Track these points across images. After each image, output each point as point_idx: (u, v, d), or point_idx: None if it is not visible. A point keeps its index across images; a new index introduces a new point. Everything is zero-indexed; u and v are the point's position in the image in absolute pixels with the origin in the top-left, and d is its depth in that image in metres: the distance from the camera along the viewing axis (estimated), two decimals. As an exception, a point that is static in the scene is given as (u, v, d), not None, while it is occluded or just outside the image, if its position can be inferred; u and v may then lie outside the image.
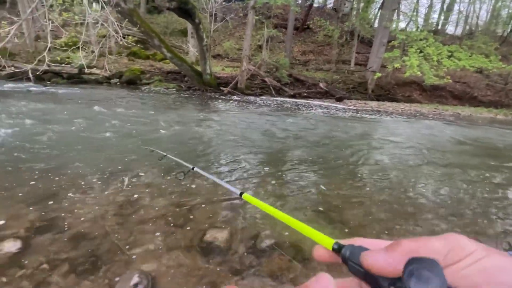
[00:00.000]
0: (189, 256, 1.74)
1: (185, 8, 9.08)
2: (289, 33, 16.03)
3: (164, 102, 8.18)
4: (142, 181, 2.71)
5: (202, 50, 10.28)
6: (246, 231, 2.02)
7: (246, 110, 7.96)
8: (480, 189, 3.23)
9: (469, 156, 4.83)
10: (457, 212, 2.60)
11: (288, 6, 16.36)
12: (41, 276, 1.52)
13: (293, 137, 5.14)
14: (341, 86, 13.97)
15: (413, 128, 7.48)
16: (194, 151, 3.86)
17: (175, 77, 12.37)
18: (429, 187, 3.20)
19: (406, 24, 18.72)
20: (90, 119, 5.10)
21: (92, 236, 1.88)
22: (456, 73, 14.93)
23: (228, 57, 16.71)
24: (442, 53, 11.98)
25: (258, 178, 3.07)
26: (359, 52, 17.67)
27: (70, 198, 2.31)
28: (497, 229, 2.37)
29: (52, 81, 10.15)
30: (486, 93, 15.57)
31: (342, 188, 2.97)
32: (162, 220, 2.10)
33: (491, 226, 2.41)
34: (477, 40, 15.75)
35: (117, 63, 12.77)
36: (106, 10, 4.54)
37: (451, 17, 21.73)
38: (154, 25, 17.62)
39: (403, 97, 14.31)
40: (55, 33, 10.96)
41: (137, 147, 3.78)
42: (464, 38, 18.43)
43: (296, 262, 1.78)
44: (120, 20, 7.96)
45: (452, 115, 11.48)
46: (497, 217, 2.58)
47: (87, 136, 4.08)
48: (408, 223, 2.35)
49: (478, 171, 3.90)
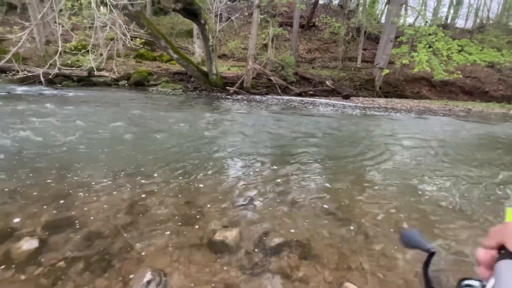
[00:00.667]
0: (199, 254, 1.77)
1: (190, 9, 9.14)
2: (295, 31, 15.94)
3: (172, 103, 8.27)
4: (152, 181, 2.76)
5: (208, 51, 10.33)
6: (255, 230, 2.04)
7: (253, 110, 7.98)
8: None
9: (485, 152, 4.73)
10: (474, 215, 2.56)
11: (293, 4, 16.26)
12: (58, 273, 1.58)
13: (301, 136, 5.13)
14: (347, 84, 13.82)
15: (425, 124, 7.36)
16: (205, 152, 3.90)
17: (181, 77, 12.47)
18: (449, 186, 3.15)
19: (414, 19, 18.37)
20: (101, 120, 5.21)
21: (105, 234, 1.93)
22: (467, 68, 14.57)
23: (234, 57, 16.73)
24: (452, 47, 11.72)
25: (268, 178, 3.08)
26: (365, 49, 17.43)
27: (83, 198, 2.38)
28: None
29: (63, 84, 10.38)
30: (498, 87, 15.15)
31: (355, 188, 2.96)
32: (172, 219, 2.14)
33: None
34: (489, 33, 15.32)
35: (125, 65, 12.96)
36: (114, 13, 4.63)
37: (461, 10, 21.22)
38: (160, 27, 17.79)
39: (411, 93, 14.07)
40: (65, 37, 11.21)
41: (148, 147, 3.84)
42: (474, 32, 17.97)
43: (305, 260, 1.79)
44: (127, 23, 8.07)
45: (462, 110, 11.23)
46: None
47: (99, 137, 4.17)
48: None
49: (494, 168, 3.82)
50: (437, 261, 1.84)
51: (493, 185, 3.21)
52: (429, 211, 2.51)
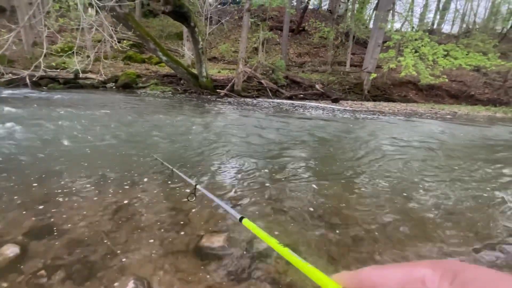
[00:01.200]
0: (185, 261, 1.74)
1: (180, 12, 9.11)
2: (285, 35, 16.11)
3: (161, 105, 8.17)
4: (138, 186, 2.71)
5: (197, 53, 10.29)
6: (242, 235, 2.02)
7: (244, 112, 7.97)
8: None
9: (475, 153, 4.86)
10: (462, 217, 2.61)
11: (283, 8, 16.46)
12: (39, 281, 1.52)
13: (292, 140, 5.15)
14: (337, 87, 14.03)
15: (412, 127, 7.53)
16: (193, 156, 3.85)
17: (171, 80, 12.36)
18: (436, 189, 3.22)
19: (401, 24, 18.87)
20: (87, 123, 5.09)
21: (88, 241, 1.87)
22: (452, 72, 15.02)
23: (224, 60, 16.74)
24: (438, 52, 12.07)
25: (257, 182, 3.07)
26: (354, 53, 17.78)
27: (66, 204, 2.30)
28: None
29: (49, 87, 10.12)
30: (484, 91, 15.66)
31: (343, 192, 2.98)
32: (158, 225, 2.09)
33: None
34: (475, 38, 15.80)
35: (112, 67, 12.76)
36: (101, 15, 4.55)
37: (447, 15, 21.92)
38: (149, 29, 17.65)
39: (399, 97, 14.40)
40: (52, 39, 10.96)
41: (133, 152, 3.77)
42: (460, 36, 18.56)
43: (293, 266, 1.78)
44: (115, 25, 7.96)
45: (448, 113, 11.56)
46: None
47: (84, 141, 4.07)
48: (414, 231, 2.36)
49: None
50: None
51: (485, 188, 3.29)
52: (419, 215, 2.55)
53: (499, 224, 2.42)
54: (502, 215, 2.61)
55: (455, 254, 1.98)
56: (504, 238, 2.22)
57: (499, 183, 3.46)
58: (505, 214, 2.63)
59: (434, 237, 2.16)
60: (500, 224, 2.43)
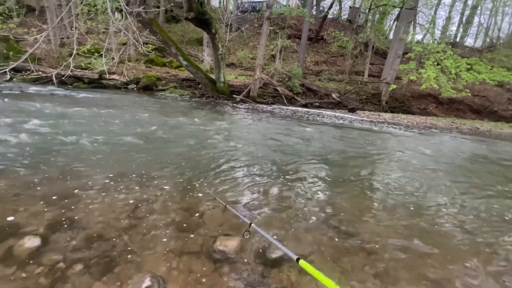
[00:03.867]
0: (199, 262, 1.75)
1: (202, 19, 9.37)
2: (303, 43, 16.17)
3: (179, 108, 8.37)
4: (156, 186, 2.77)
5: (217, 59, 10.51)
6: (256, 240, 2.01)
7: (259, 118, 8.02)
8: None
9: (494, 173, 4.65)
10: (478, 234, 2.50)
11: (302, 17, 16.56)
12: (57, 274, 1.58)
13: (307, 147, 5.12)
14: (354, 97, 13.86)
15: (432, 142, 7.29)
16: (210, 159, 3.91)
17: (189, 84, 12.66)
18: (450, 204, 3.10)
19: (423, 36, 18.49)
20: (108, 122, 5.28)
21: (106, 237, 1.93)
22: (475, 87, 14.50)
23: (242, 66, 16.98)
24: (461, 66, 11.72)
25: (272, 188, 3.06)
26: (373, 64, 17.54)
27: (87, 199, 2.39)
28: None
29: (73, 86, 10.62)
30: (508, 107, 14.99)
31: (361, 203, 2.93)
32: (173, 225, 2.13)
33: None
34: (499, 53, 15.28)
35: (135, 69, 13.24)
36: (128, 19, 4.77)
37: (471, 29, 21.31)
38: (171, 34, 18.22)
39: (418, 109, 14.02)
40: (79, 40, 11.55)
41: (152, 152, 3.87)
42: (484, 51, 17.96)
43: (305, 276, 1.76)
44: (140, 29, 8.29)
45: (470, 129, 11.12)
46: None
47: (107, 140, 4.22)
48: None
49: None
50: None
51: (498, 207, 3.14)
52: (433, 231, 2.46)
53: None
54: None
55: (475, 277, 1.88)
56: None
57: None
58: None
59: (451, 254, 2.07)
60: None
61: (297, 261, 0.80)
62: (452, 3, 19.86)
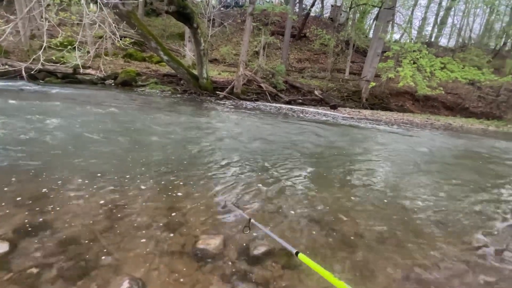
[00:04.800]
0: (180, 262, 1.72)
1: (183, 12, 9.12)
2: (286, 40, 16.22)
3: (160, 104, 8.14)
4: (134, 185, 2.68)
5: (199, 54, 10.30)
6: (239, 238, 2.00)
7: (243, 115, 7.98)
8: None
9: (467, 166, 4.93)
10: (451, 223, 2.64)
11: (285, 14, 16.60)
12: (29, 280, 1.49)
13: (289, 144, 5.16)
14: (335, 94, 14.13)
15: (409, 137, 7.60)
16: (191, 157, 3.83)
17: (171, 80, 12.33)
18: (427, 196, 3.24)
19: (400, 35, 19.15)
20: (84, 120, 5.04)
21: (81, 240, 1.84)
22: (448, 85, 15.25)
23: (225, 62, 16.77)
24: (435, 64, 12.26)
25: (255, 185, 3.06)
26: (354, 62, 17.95)
27: (60, 201, 2.27)
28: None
29: (46, 80, 10.02)
30: (478, 104, 15.94)
31: (338, 199, 2.99)
32: (154, 225, 2.07)
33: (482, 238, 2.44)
34: (470, 52, 16.14)
35: (112, 64, 12.69)
36: (104, 11, 4.54)
37: (445, 29, 22.34)
38: (151, 28, 17.60)
39: (396, 106, 14.55)
40: (51, 33, 10.88)
41: (131, 151, 3.74)
42: (457, 50, 18.91)
43: (288, 270, 1.77)
44: (117, 22, 7.94)
45: (443, 125, 11.71)
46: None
47: (80, 138, 4.03)
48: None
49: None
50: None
51: (471, 199, 3.33)
52: (410, 222, 2.57)
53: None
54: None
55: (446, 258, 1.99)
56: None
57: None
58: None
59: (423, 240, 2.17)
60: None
61: (296, 255, 0.81)
62: (428, 4, 20.73)
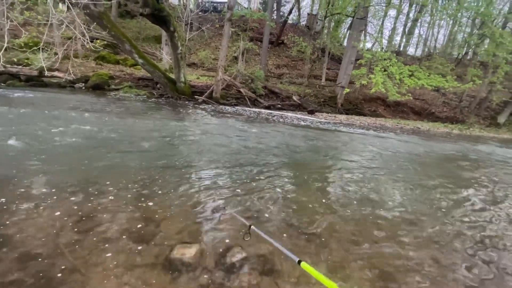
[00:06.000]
0: (153, 275, 1.64)
1: (159, 15, 8.94)
2: (264, 46, 16.45)
3: (134, 109, 7.85)
4: (104, 195, 2.54)
5: (176, 58, 10.12)
6: (216, 246, 1.96)
7: (221, 120, 7.92)
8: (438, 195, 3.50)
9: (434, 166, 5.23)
10: (416, 219, 2.78)
11: (263, 20, 16.86)
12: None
13: (267, 149, 5.18)
14: (313, 100, 14.52)
15: (381, 140, 7.96)
16: (166, 164, 3.72)
17: (146, 83, 11.98)
18: (397, 196, 3.39)
19: (372, 44, 20.18)
20: (48, 125, 4.72)
21: (44, 255, 1.70)
22: (416, 91, 16.28)
23: (204, 66, 16.64)
24: (404, 72, 13.04)
25: (231, 191, 3.02)
26: (329, 68, 18.60)
27: (21, 213, 2.09)
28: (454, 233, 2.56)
29: (7, 83, 9.29)
30: (443, 109, 17.16)
31: (317, 201, 3.04)
32: (125, 235, 1.97)
33: (447, 232, 2.60)
34: (435, 61, 17.38)
35: (83, 66, 12.08)
36: (72, 11, 4.32)
37: (412, 39, 23.89)
38: (126, 30, 17.09)
39: (369, 111, 15.23)
40: (14, 32, 10.16)
41: (99, 158, 3.55)
42: (423, 59, 20.27)
43: (266, 276, 1.76)
44: (88, 22, 7.59)
45: (412, 129, 12.42)
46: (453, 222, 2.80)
47: (45, 144, 3.76)
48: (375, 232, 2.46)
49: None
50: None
51: (436, 194, 3.54)
52: (382, 222, 2.67)
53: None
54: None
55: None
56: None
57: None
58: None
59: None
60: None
61: (299, 263, 0.78)
62: (397, 16, 22.03)
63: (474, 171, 5.37)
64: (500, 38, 13.18)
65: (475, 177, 4.87)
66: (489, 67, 15.73)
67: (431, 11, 18.32)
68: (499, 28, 15.14)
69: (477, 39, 15.43)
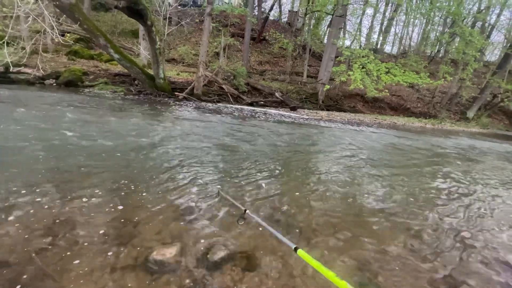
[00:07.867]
0: (132, 277, 1.60)
1: (135, 9, 8.59)
2: (246, 42, 16.33)
3: (110, 106, 7.53)
4: (79, 195, 2.43)
5: (154, 54, 9.79)
6: (197, 245, 1.94)
7: (203, 117, 7.79)
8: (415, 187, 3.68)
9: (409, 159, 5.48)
10: (395, 211, 2.90)
11: (245, 16, 16.72)
12: None
13: (249, 144, 5.18)
14: (295, 96, 14.66)
15: (360, 135, 8.21)
16: (144, 163, 3.61)
17: (123, 80, 11.51)
18: (373, 189, 3.52)
19: (351, 42, 20.67)
20: (14, 124, 4.42)
21: (12, 262, 1.60)
22: (392, 87, 16.94)
23: (184, 62, 16.25)
24: (381, 69, 13.49)
25: (211, 189, 3.00)
26: (311, 65, 18.84)
27: (-16, 219, 1.95)
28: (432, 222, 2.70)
29: (-32, 80, 8.58)
30: (417, 105, 18.00)
31: (296, 194, 3.08)
32: (102, 238, 1.90)
33: (426, 221, 2.74)
34: (410, 59, 18.14)
35: (53, 62, 11.40)
36: (40, 3, 4.04)
37: (388, 38, 24.72)
38: (100, 24, 16.31)
39: (349, 107, 15.64)
40: (-26, 24, 9.36)
41: (73, 158, 3.39)
42: (399, 57, 21.08)
43: (249, 272, 1.77)
44: (58, 15, 7.15)
45: (389, 124, 12.93)
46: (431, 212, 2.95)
47: (11, 144, 3.52)
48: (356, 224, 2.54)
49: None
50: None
51: (414, 188, 3.72)
52: (361, 214, 2.77)
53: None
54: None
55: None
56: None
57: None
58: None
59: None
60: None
61: (295, 251, 0.76)
62: (374, 14, 22.68)
63: (447, 160, 5.69)
64: (469, 37, 13.96)
65: (448, 163, 5.16)
66: (459, 64, 16.64)
67: (406, 10, 19.03)
68: (469, 27, 16.04)
69: (448, 37, 16.23)
